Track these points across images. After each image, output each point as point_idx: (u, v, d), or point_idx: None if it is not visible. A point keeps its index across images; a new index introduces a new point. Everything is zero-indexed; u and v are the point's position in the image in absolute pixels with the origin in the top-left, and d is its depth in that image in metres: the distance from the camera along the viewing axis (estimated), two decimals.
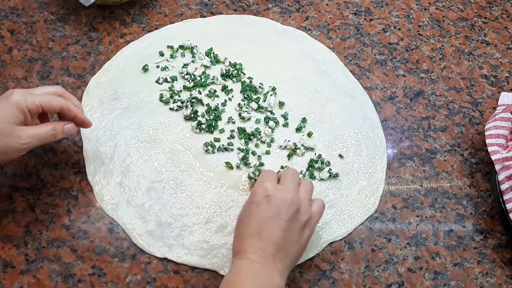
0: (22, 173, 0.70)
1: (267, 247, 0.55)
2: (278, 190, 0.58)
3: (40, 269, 0.63)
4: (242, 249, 0.56)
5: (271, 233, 0.55)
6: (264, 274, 0.54)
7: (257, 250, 0.55)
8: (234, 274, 0.55)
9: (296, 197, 0.58)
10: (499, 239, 0.68)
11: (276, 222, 0.56)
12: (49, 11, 0.85)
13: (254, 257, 0.55)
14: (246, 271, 0.54)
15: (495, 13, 0.90)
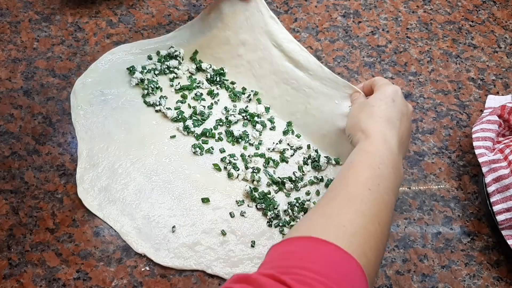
0: (5, 175, 0.68)
1: (398, 135, 0.58)
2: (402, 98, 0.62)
3: (24, 274, 0.62)
4: (378, 128, 0.58)
5: (403, 126, 0.60)
6: (397, 160, 0.56)
7: (394, 135, 0.58)
8: (371, 146, 0.56)
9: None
10: (486, 241, 0.68)
11: (404, 120, 0.61)
12: (34, 11, 0.84)
13: (391, 139, 0.57)
14: (384, 148, 0.56)
15: (482, 17, 0.91)
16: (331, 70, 0.81)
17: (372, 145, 0.56)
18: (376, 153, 0.55)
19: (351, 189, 0.51)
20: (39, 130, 0.73)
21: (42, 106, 0.75)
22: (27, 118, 0.73)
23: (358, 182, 0.52)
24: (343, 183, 0.53)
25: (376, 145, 0.56)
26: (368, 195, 0.51)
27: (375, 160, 0.54)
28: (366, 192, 0.51)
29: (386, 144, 0.56)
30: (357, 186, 0.52)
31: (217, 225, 0.66)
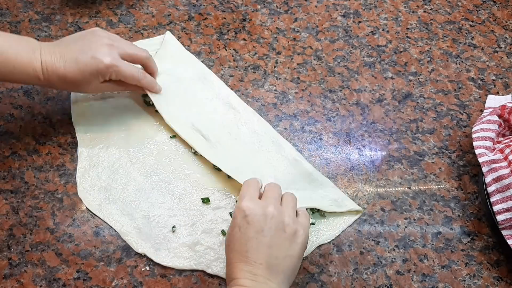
0: (5, 175, 0.68)
1: (255, 268, 0.53)
2: (258, 207, 0.56)
3: (24, 274, 0.62)
4: (233, 276, 0.54)
5: (257, 253, 0.53)
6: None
7: (246, 274, 0.53)
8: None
9: (278, 210, 0.56)
10: (486, 241, 0.68)
11: (260, 240, 0.54)
12: (34, 11, 0.84)
13: (244, 282, 0.53)
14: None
15: (482, 17, 0.91)
16: (331, 70, 0.82)
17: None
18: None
19: None
20: (39, 130, 0.73)
21: (42, 106, 0.75)
22: (27, 118, 0.73)
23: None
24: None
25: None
26: None
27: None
28: None
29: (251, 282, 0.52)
30: None
31: (217, 225, 0.66)
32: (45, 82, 0.63)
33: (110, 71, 0.64)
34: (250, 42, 0.84)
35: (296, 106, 0.78)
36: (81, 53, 0.63)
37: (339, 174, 0.72)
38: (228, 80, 0.79)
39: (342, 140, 0.75)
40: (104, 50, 0.64)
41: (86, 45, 0.64)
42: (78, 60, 0.63)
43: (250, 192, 0.58)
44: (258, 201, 0.57)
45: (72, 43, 0.65)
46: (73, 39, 0.66)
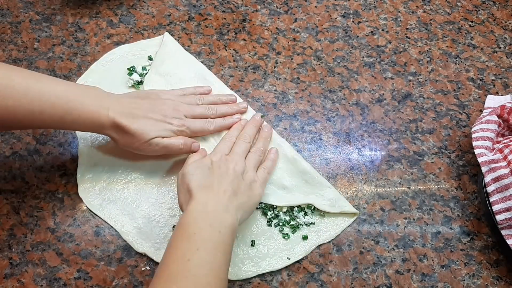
0: (6, 175, 0.68)
1: (219, 194, 0.58)
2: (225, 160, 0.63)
3: (25, 273, 0.62)
4: (193, 198, 0.57)
5: (221, 185, 0.59)
6: (216, 213, 0.57)
7: (210, 195, 0.58)
8: (186, 216, 0.56)
9: (240, 164, 0.63)
10: (485, 241, 0.69)
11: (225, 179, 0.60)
12: (35, 11, 0.84)
13: (207, 200, 0.57)
14: (197, 212, 0.56)
15: (482, 17, 0.91)
16: (331, 70, 0.82)
17: (186, 216, 0.56)
18: (191, 222, 0.55)
19: (172, 268, 0.52)
20: (40, 130, 0.73)
21: None
22: None
23: (177, 258, 0.53)
24: (164, 264, 0.53)
25: (190, 213, 0.56)
26: (188, 266, 0.52)
27: (190, 229, 0.55)
28: (187, 265, 0.52)
29: (202, 207, 0.57)
30: (177, 263, 0.52)
31: None
32: (110, 129, 0.63)
33: (181, 130, 0.67)
34: (250, 43, 0.84)
35: (296, 106, 0.78)
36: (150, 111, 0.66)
37: (339, 174, 0.72)
38: (228, 80, 0.79)
39: (341, 140, 0.76)
40: (172, 110, 0.67)
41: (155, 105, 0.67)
42: (147, 116, 0.65)
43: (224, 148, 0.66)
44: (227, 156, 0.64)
45: (141, 100, 0.67)
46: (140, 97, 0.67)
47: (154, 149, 0.65)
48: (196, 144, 0.68)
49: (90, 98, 0.62)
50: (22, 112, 0.58)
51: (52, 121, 0.60)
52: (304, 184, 0.69)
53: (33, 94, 0.58)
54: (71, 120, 0.60)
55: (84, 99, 0.61)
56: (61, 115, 0.60)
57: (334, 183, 0.71)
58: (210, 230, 0.55)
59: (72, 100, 0.60)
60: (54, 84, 0.61)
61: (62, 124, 0.61)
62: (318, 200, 0.68)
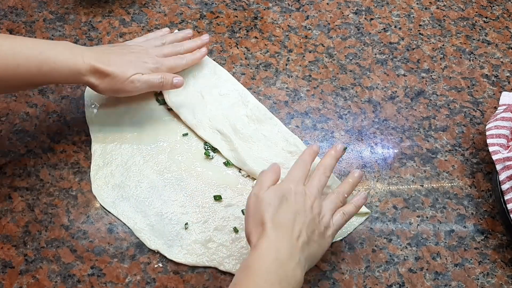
0: (21, 173, 0.69)
1: (293, 237, 0.54)
2: (302, 192, 0.58)
3: (39, 270, 0.63)
4: (267, 235, 0.53)
5: (297, 226, 0.55)
6: (288, 268, 0.52)
7: (284, 238, 0.53)
8: (257, 260, 0.52)
9: (318, 203, 0.58)
10: (500, 240, 0.68)
11: (302, 218, 0.55)
12: (48, 11, 0.85)
13: (280, 246, 0.53)
14: (270, 261, 0.52)
15: (496, 13, 0.90)
16: (343, 67, 0.82)
17: (257, 259, 0.52)
18: (262, 271, 0.51)
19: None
20: (54, 128, 0.74)
21: (57, 105, 0.76)
22: (42, 117, 0.74)
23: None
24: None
25: (262, 257, 0.52)
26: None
27: (259, 283, 0.51)
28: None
29: (274, 253, 0.52)
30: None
31: (229, 223, 0.67)
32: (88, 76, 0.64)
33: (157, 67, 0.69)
34: (261, 40, 0.84)
35: (308, 104, 0.78)
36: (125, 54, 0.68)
37: None
38: (240, 78, 0.79)
39: (354, 137, 0.75)
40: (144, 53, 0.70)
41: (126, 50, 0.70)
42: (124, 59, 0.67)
43: (300, 174, 0.60)
44: (303, 187, 0.59)
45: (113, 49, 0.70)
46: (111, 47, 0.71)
47: (135, 86, 0.67)
48: (178, 79, 0.70)
49: (62, 48, 0.64)
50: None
51: (30, 74, 0.61)
52: None
53: (5, 49, 0.60)
54: (48, 70, 0.62)
55: (56, 49, 0.63)
56: (37, 66, 0.61)
57: None
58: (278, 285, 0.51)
59: (45, 50, 0.62)
60: (24, 40, 0.64)
61: (41, 76, 0.62)
62: None
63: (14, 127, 0.73)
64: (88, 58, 0.64)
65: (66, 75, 0.63)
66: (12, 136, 0.72)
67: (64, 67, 0.62)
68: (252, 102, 0.75)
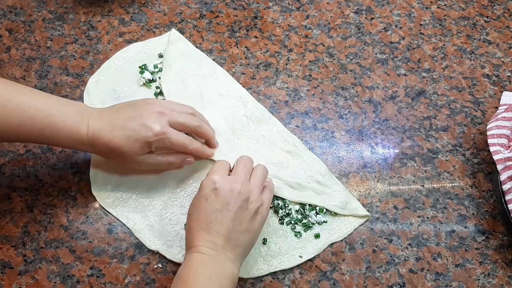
0: (20, 173, 0.69)
1: (217, 239, 0.56)
2: (227, 181, 0.58)
3: (39, 270, 0.63)
4: (193, 243, 0.56)
5: (220, 225, 0.56)
6: (215, 265, 0.55)
7: (207, 243, 0.55)
8: (185, 268, 0.55)
9: (246, 186, 0.59)
10: (501, 240, 0.68)
11: (225, 213, 0.57)
12: (48, 10, 0.85)
13: (204, 250, 0.55)
14: (197, 264, 0.55)
15: (497, 12, 0.89)
16: (343, 67, 0.81)
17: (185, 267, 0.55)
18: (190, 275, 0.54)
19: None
20: None
21: None
22: None
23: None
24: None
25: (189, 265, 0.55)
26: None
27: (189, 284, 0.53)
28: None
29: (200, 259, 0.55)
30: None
31: None
32: (90, 147, 0.61)
33: (158, 138, 0.61)
34: (261, 40, 0.84)
35: (308, 104, 0.78)
36: (130, 119, 0.61)
37: (352, 172, 0.72)
38: (239, 78, 0.79)
39: (354, 137, 0.75)
40: (153, 118, 0.61)
41: (136, 112, 0.62)
42: (126, 126, 0.60)
43: (221, 168, 0.61)
44: (227, 177, 0.60)
45: (122, 109, 0.63)
46: (124, 106, 0.64)
47: (141, 167, 0.64)
48: (189, 160, 0.66)
49: (71, 113, 0.60)
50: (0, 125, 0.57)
51: (31, 134, 0.59)
52: (315, 184, 0.69)
53: (12, 106, 0.57)
54: (50, 135, 0.59)
55: (65, 114, 0.59)
56: (40, 129, 0.58)
57: (347, 181, 0.71)
58: (211, 284, 0.53)
59: (53, 114, 0.59)
60: (35, 97, 0.60)
61: (41, 138, 0.60)
62: (330, 202, 0.67)
63: None
64: (92, 127, 0.60)
65: (67, 142, 0.60)
66: None
67: (67, 135, 0.59)
68: (251, 103, 0.75)
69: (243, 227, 0.57)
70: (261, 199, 0.60)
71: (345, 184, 0.71)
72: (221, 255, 0.56)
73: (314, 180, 0.69)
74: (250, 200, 0.58)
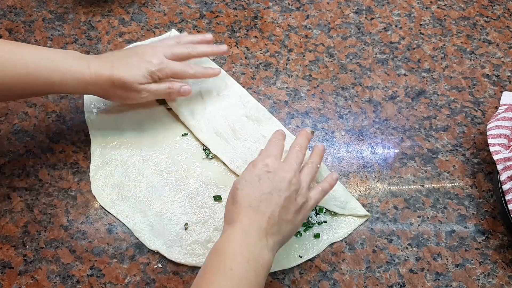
0: (20, 173, 0.69)
1: (263, 220, 0.55)
2: (280, 167, 0.58)
3: (39, 270, 0.63)
4: (238, 218, 0.55)
5: (269, 208, 0.56)
6: (255, 249, 0.54)
7: (253, 222, 0.55)
8: (226, 243, 0.54)
9: (297, 178, 0.58)
10: (501, 240, 0.68)
11: (275, 198, 0.56)
12: (48, 10, 0.85)
13: (249, 229, 0.54)
14: (239, 243, 0.54)
15: (497, 12, 0.89)
16: (343, 67, 0.81)
17: (225, 242, 0.54)
18: (229, 253, 0.53)
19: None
20: (53, 128, 0.73)
21: (56, 105, 0.75)
22: (41, 117, 0.74)
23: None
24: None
25: (230, 241, 0.54)
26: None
27: (227, 262, 0.52)
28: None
29: (242, 237, 0.54)
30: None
31: None
32: (93, 86, 0.64)
33: (160, 68, 0.66)
34: (261, 40, 0.84)
35: (308, 104, 0.78)
36: (128, 57, 0.66)
37: (352, 172, 0.72)
38: (239, 78, 0.79)
39: (354, 137, 0.75)
40: (150, 53, 0.67)
41: (131, 52, 0.68)
42: (126, 61, 0.65)
43: (276, 152, 0.61)
44: (281, 163, 0.59)
45: (118, 53, 0.70)
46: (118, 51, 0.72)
47: (142, 96, 0.67)
48: (186, 87, 0.69)
49: (72, 58, 0.64)
50: (9, 77, 0.60)
51: (38, 83, 0.62)
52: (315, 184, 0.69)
53: (17, 57, 0.61)
54: (56, 80, 0.62)
55: (66, 58, 0.63)
56: (46, 75, 0.61)
57: (347, 181, 0.71)
58: (247, 268, 0.52)
59: (56, 60, 0.62)
60: (37, 48, 0.64)
61: (48, 85, 0.62)
62: (329, 201, 0.67)
63: (13, 127, 0.73)
64: (94, 66, 0.63)
65: (74, 85, 0.63)
66: (11, 136, 0.72)
67: (72, 76, 0.63)
68: (252, 102, 0.75)
69: (289, 216, 0.57)
70: (308, 195, 0.59)
71: (345, 184, 0.71)
72: (262, 239, 0.54)
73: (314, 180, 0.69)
74: (298, 193, 0.58)
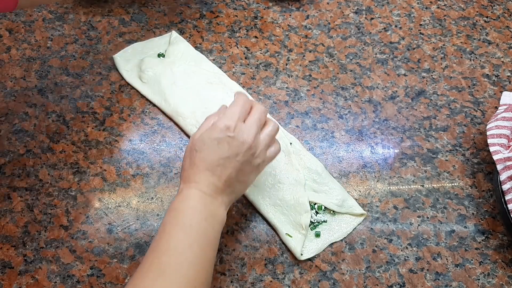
0: (20, 173, 0.69)
1: (219, 182, 0.56)
2: (241, 132, 0.57)
3: (39, 270, 0.63)
4: (194, 179, 0.56)
5: (225, 171, 0.57)
6: (212, 207, 0.56)
7: (210, 184, 0.56)
8: (182, 202, 0.55)
9: (256, 141, 0.58)
10: (501, 240, 0.68)
11: (232, 163, 0.57)
12: (48, 10, 0.85)
13: (205, 189, 0.56)
14: (196, 201, 0.55)
15: (497, 12, 0.89)
16: (343, 67, 0.81)
17: (183, 201, 0.55)
18: (187, 211, 0.54)
19: (163, 259, 0.51)
20: (53, 128, 0.73)
21: (56, 105, 0.75)
22: (41, 117, 0.74)
23: (170, 249, 0.51)
24: (156, 253, 0.52)
25: (188, 199, 0.55)
26: (181, 260, 0.51)
27: (186, 219, 0.53)
28: (179, 258, 0.51)
29: (199, 196, 0.55)
30: (169, 254, 0.51)
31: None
32: None
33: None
34: (261, 40, 0.84)
35: (308, 104, 0.78)
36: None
37: (351, 172, 0.72)
38: (239, 78, 0.79)
39: (354, 137, 0.75)
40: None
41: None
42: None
43: (241, 112, 0.59)
44: (243, 126, 0.58)
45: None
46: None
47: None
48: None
49: None
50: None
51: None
52: (312, 183, 0.69)
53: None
54: None
55: None
56: None
57: (347, 181, 0.71)
58: (205, 225, 0.54)
59: None
60: None
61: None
62: (327, 199, 0.68)
63: (13, 127, 0.73)
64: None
65: None
66: (11, 136, 0.72)
67: None
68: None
69: (243, 178, 0.59)
70: (264, 155, 0.60)
71: (345, 184, 0.71)
72: (218, 198, 0.56)
73: (311, 179, 0.69)
74: (255, 155, 0.59)
